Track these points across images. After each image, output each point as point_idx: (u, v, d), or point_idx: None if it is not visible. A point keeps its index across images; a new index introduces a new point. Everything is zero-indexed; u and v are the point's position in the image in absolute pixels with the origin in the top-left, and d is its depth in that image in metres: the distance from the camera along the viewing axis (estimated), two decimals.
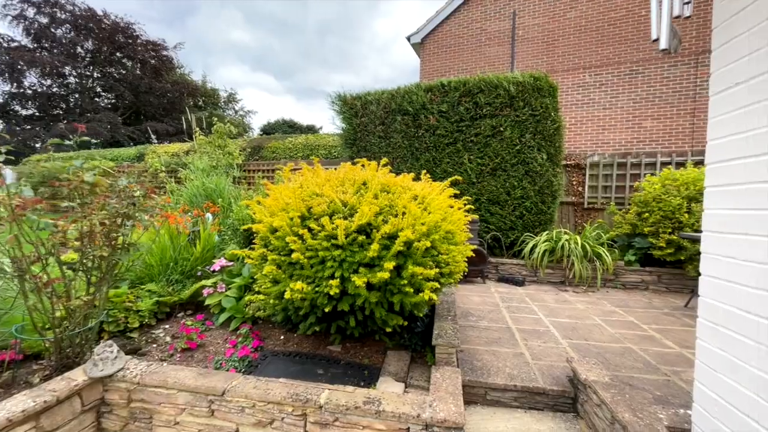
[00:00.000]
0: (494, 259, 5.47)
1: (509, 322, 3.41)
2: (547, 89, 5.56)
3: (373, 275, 1.82)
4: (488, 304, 4.03)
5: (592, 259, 4.93)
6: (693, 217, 4.51)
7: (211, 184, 4.64)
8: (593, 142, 9.48)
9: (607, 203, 6.51)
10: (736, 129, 1.31)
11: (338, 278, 1.91)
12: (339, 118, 6.99)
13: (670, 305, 4.09)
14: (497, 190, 5.66)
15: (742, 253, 1.27)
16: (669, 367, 2.50)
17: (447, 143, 5.95)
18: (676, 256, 4.64)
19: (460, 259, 2.30)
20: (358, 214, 1.91)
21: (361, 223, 1.91)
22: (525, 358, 2.61)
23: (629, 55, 9.10)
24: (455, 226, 2.38)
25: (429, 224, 2.02)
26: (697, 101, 8.67)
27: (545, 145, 5.54)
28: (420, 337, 2.67)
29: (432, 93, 6.08)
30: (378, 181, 2.20)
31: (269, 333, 2.92)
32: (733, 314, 1.31)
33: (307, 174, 2.48)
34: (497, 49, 10.33)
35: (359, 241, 1.92)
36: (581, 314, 3.70)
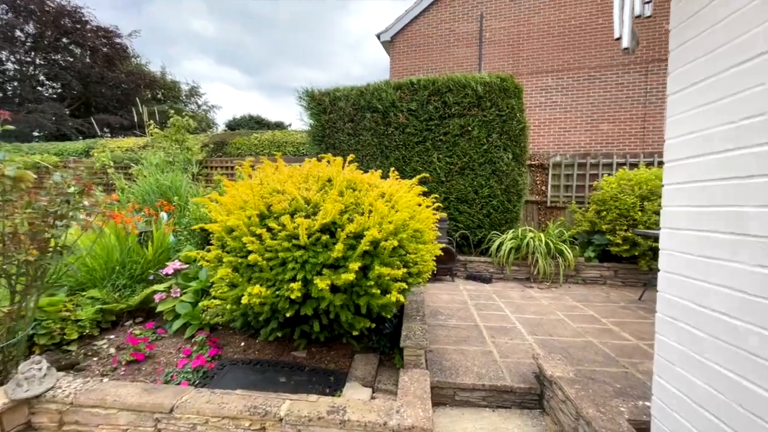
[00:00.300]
0: (463, 257, 5.53)
1: (477, 320, 3.42)
2: (512, 90, 5.68)
3: (338, 277, 1.72)
4: (457, 302, 4.05)
5: (555, 255, 5.10)
6: (645, 215, 4.78)
7: (166, 181, 4.31)
8: (555, 143, 9.87)
9: (568, 202, 6.79)
10: (693, 128, 1.34)
11: (300, 281, 1.79)
12: (307, 114, 6.79)
13: (625, 299, 4.30)
14: (465, 189, 5.72)
15: (698, 249, 1.30)
16: (627, 359, 2.60)
17: (416, 142, 5.93)
18: (631, 252, 4.90)
19: (429, 258, 2.25)
20: (322, 213, 1.80)
21: (324, 221, 1.80)
22: (493, 356, 2.62)
23: (588, 61, 9.55)
24: (424, 225, 2.33)
25: (396, 223, 1.95)
26: (647, 107, 9.25)
27: (511, 145, 5.67)
28: (388, 338, 2.60)
29: (401, 91, 6.05)
30: (343, 178, 2.10)
31: (229, 340, 2.74)
32: (690, 309, 1.34)
33: (267, 170, 2.33)
34: (465, 50, 10.49)
35: (323, 240, 1.81)
36: (545, 310, 3.79)
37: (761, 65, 1.08)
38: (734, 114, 1.17)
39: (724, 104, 1.21)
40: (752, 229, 1.10)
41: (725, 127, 1.20)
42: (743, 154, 1.13)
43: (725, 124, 1.20)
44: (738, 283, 1.14)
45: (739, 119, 1.15)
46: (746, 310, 1.11)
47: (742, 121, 1.14)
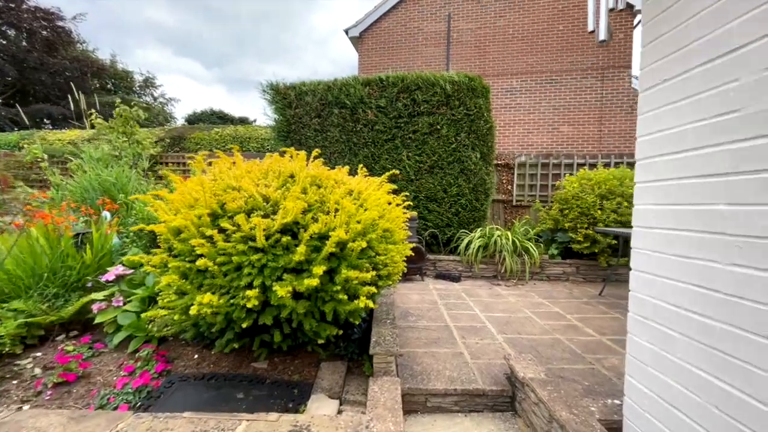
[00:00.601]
0: (432, 256, 5.50)
1: (448, 320, 3.37)
2: (480, 90, 5.73)
3: (300, 282, 1.56)
4: (427, 302, 3.99)
5: (521, 253, 5.20)
6: (605, 213, 4.98)
7: (109, 177, 3.89)
8: (520, 144, 10.17)
9: (533, 201, 6.98)
10: (665, 125, 1.32)
11: (258, 287, 1.61)
12: (271, 109, 6.49)
13: (587, 294, 4.45)
14: (435, 187, 5.70)
15: (671, 248, 1.29)
16: (592, 356, 2.64)
17: (386, 139, 5.83)
18: (592, 249, 5.10)
19: (399, 259, 2.14)
20: (282, 212, 1.63)
21: (285, 221, 1.64)
22: (464, 358, 2.56)
23: (549, 65, 9.92)
24: (394, 224, 2.22)
25: (365, 222, 1.82)
26: (603, 111, 9.76)
27: (479, 145, 5.71)
28: (357, 344, 2.47)
29: (370, 87, 5.92)
30: (307, 174, 1.93)
31: (180, 352, 2.48)
32: (663, 308, 1.32)
33: (221, 164, 2.11)
34: (434, 49, 10.54)
35: (283, 242, 1.64)
36: (513, 307, 3.82)
37: (736, 61, 1.06)
38: (708, 111, 1.15)
39: (697, 101, 1.19)
40: (726, 227, 1.08)
41: (699, 124, 1.18)
42: (718, 151, 1.11)
43: (699, 121, 1.18)
44: (712, 283, 1.12)
45: (713, 116, 1.13)
46: (721, 310, 1.10)
47: (716, 118, 1.12)
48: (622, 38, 9.67)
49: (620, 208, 4.94)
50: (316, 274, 1.51)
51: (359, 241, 1.68)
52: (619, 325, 3.31)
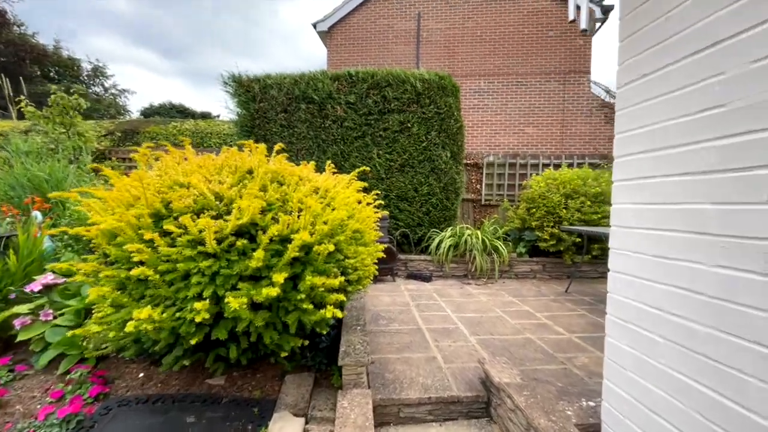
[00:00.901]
0: (403, 256, 5.42)
1: (420, 323, 3.28)
2: (450, 89, 5.71)
3: (259, 292, 1.38)
4: (399, 304, 3.88)
5: (490, 252, 5.23)
6: (569, 212, 5.12)
7: (41, 173, 3.43)
8: (487, 144, 10.35)
9: (501, 200, 7.10)
10: (645, 122, 1.28)
11: (209, 298, 1.41)
12: (234, 102, 6.13)
13: (554, 292, 4.55)
14: (405, 186, 5.61)
15: (652, 249, 1.24)
16: (563, 355, 2.64)
17: (355, 136, 5.67)
18: (557, 247, 5.23)
19: (370, 262, 2.00)
20: (236, 211, 1.44)
21: (240, 222, 1.44)
22: (437, 363, 2.47)
23: (516, 68, 10.17)
24: (364, 225, 2.07)
25: (333, 223, 1.66)
26: (565, 114, 10.16)
27: (449, 144, 5.70)
28: (325, 353, 2.31)
29: (339, 82, 5.73)
30: (267, 170, 1.74)
31: (123, 371, 2.19)
32: (644, 311, 1.27)
33: (169, 159, 1.86)
34: (404, 48, 10.49)
35: (239, 246, 1.45)
36: (485, 307, 3.80)
37: (722, 53, 1.02)
38: (692, 106, 1.10)
39: (679, 96, 1.15)
40: (711, 228, 1.04)
41: (682, 120, 1.14)
42: (702, 148, 1.07)
43: (682, 117, 1.14)
44: (696, 285, 1.08)
45: (696, 111, 1.09)
46: (705, 312, 1.05)
47: (700, 113, 1.08)
48: (582, 44, 10.11)
49: (584, 207, 5.10)
50: (276, 282, 1.33)
51: (326, 244, 1.52)
52: (585, 322, 3.37)
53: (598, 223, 5.10)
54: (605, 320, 1.47)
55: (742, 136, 0.96)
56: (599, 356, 2.61)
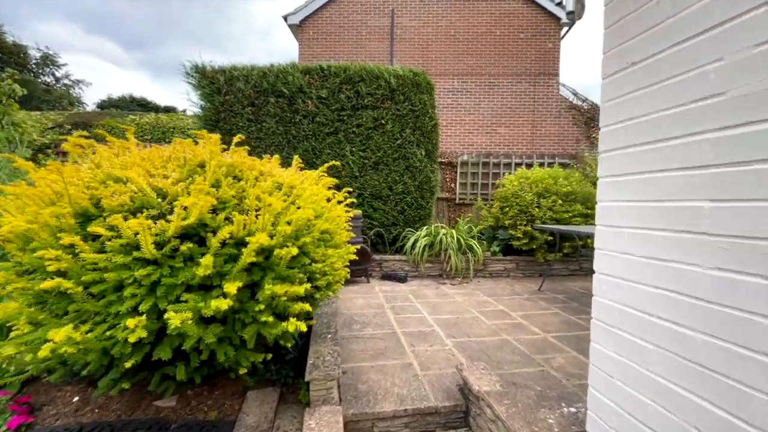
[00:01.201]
0: (378, 256, 5.28)
1: (395, 326, 3.15)
2: (425, 86, 5.63)
3: (207, 304, 1.18)
4: (373, 306, 3.73)
5: (465, 251, 5.19)
6: (542, 210, 5.17)
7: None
8: (461, 144, 10.40)
9: (475, 199, 7.11)
10: (634, 113, 1.19)
11: (148, 312, 1.19)
12: (197, 95, 5.74)
13: (528, 290, 4.56)
14: (380, 184, 5.47)
15: (641, 250, 1.16)
16: (540, 356, 2.59)
17: (328, 132, 5.45)
18: (530, 246, 5.27)
19: (341, 265, 1.83)
20: (180, 210, 1.23)
21: (187, 223, 1.24)
22: (414, 370, 2.34)
23: (488, 68, 10.28)
24: (335, 225, 1.90)
25: (298, 223, 1.48)
26: (535, 115, 10.39)
27: (424, 142, 5.61)
28: (293, 365, 2.11)
29: (310, 76, 5.49)
30: (221, 163, 1.53)
31: (54, 395, 1.90)
32: (632, 316, 1.19)
33: (103, 150, 1.60)
34: (377, 44, 10.33)
35: (184, 251, 1.24)
36: (461, 308, 3.73)
37: (720, 38, 0.93)
38: (686, 95, 1.02)
39: (673, 85, 1.06)
40: (707, 227, 0.96)
41: (675, 110, 1.06)
42: (699, 141, 0.99)
43: (674, 107, 1.06)
44: (690, 289, 1.00)
45: (692, 101, 1.01)
46: (701, 318, 0.97)
47: (696, 103, 1.00)
48: (551, 47, 10.38)
49: (555, 205, 5.16)
50: (228, 293, 1.14)
51: (289, 247, 1.34)
52: (559, 320, 3.37)
53: (569, 222, 5.19)
54: (591, 324, 1.39)
55: (744, 127, 0.88)
56: (575, 356, 2.58)
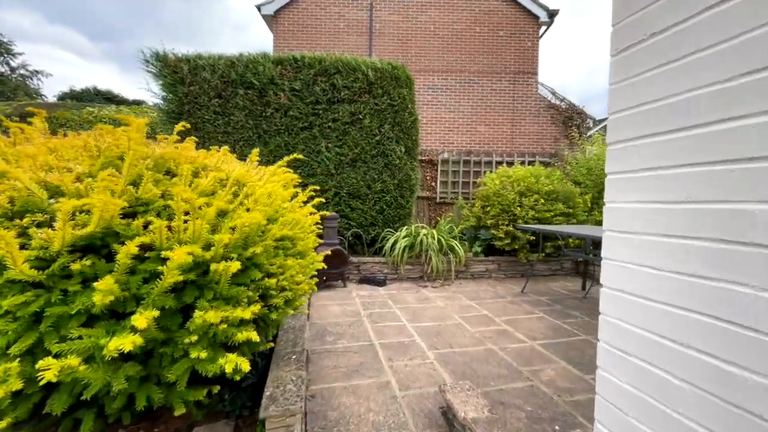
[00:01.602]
0: (356, 259, 5.00)
1: (372, 337, 2.89)
2: (404, 80, 5.38)
3: (119, 338, 0.88)
4: (349, 314, 3.46)
5: (446, 252, 5.00)
6: (524, 209, 5.04)
7: None
8: (441, 142, 10.24)
9: (456, 198, 6.95)
10: (657, 94, 0.98)
11: (29, 354, 0.88)
12: (158, 85, 5.28)
13: (511, 292, 4.40)
14: (358, 183, 5.18)
15: (665, 262, 0.95)
16: (528, 368, 2.40)
17: (302, 127, 5.12)
18: (512, 246, 5.13)
19: (304, 278, 1.55)
20: (64, 216, 0.91)
21: (84, 232, 0.93)
22: (392, 390, 2.09)
23: (468, 66, 10.17)
24: (298, 229, 1.62)
25: (245, 229, 1.19)
26: (515, 113, 10.36)
27: (403, 138, 5.36)
28: (250, 393, 1.81)
29: (283, 67, 5.14)
30: (143, 154, 1.22)
31: None
32: (653, 344, 0.98)
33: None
34: (356, 38, 10.02)
35: (81, 270, 0.93)
36: (442, 314, 3.51)
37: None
38: (727, 70, 0.81)
39: (708, 58, 0.85)
40: (757, 235, 0.75)
41: (711, 89, 0.84)
42: (745, 126, 0.78)
43: (710, 85, 0.84)
44: (738, 315, 0.79)
45: (736, 76, 0.79)
46: (752, 354, 0.76)
47: (736, 80, 0.78)
48: (530, 46, 10.38)
49: (537, 204, 5.04)
50: (139, 327, 0.84)
51: (231, 262, 1.05)
52: (545, 326, 3.21)
53: (551, 221, 5.08)
54: (597, 348, 1.18)
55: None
56: (564, 367, 2.41)
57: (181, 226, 1.02)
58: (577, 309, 3.70)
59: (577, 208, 5.21)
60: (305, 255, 1.67)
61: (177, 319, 1.09)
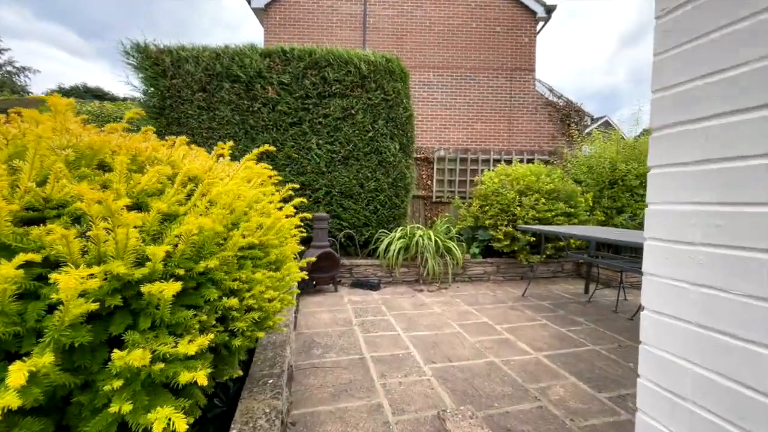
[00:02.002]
0: (348, 261, 4.75)
1: (364, 349, 2.65)
2: (399, 73, 5.14)
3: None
4: (340, 322, 3.21)
5: (443, 254, 4.77)
6: (524, 209, 4.82)
7: None
8: (437, 140, 10.03)
9: (452, 197, 6.72)
10: (729, 61, 0.74)
11: None
12: (139, 78, 4.98)
13: (511, 297, 4.19)
14: (350, 181, 4.93)
15: (730, 282, 0.72)
16: (535, 385, 2.17)
17: (291, 123, 4.86)
18: (512, 247, 4.91)
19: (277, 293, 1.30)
20: None
21: None
22: (384, 415, 1.85)
23: (464, 62, 9.95)
24: (272, 235, 1.37)
25: (196, 238, 0.95)
26: (512, 110, 10.17)
27: (398, 134, 5.12)
28: (218, 425, 1.57)
29: (271, 59, 4.87)
30: (65, 143, 0.96)
31: None
32: (714, 385, 0.75)
33: None
34: (349, 33, 9.75)
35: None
36: (440, 321, 3.28)
37: None
38: None
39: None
40: None
41: None
42: None
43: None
44: None
45: None
46: None
47: None
48: (527, 42, 10.19)
49: (538, 204, 4.83)
50: (12, 386, 0.59)
51: (168, 284, 0.81)
52: (549, 334, 2.99)
53: (552, 221, 4.88)
54: (637, 385, 0.95)
55: None
56: (574, 384, 2.18)
57: (101, 236, 0.77)
58: (581, 315, 3.49)
59: (579, 207, 5.00)
60: (281, 265, 1.42)
61: (101, 354, 0.84)
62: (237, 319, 1.11)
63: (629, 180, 5.09)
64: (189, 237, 0.90)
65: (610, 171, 5.31)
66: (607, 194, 5.34)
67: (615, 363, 2.46)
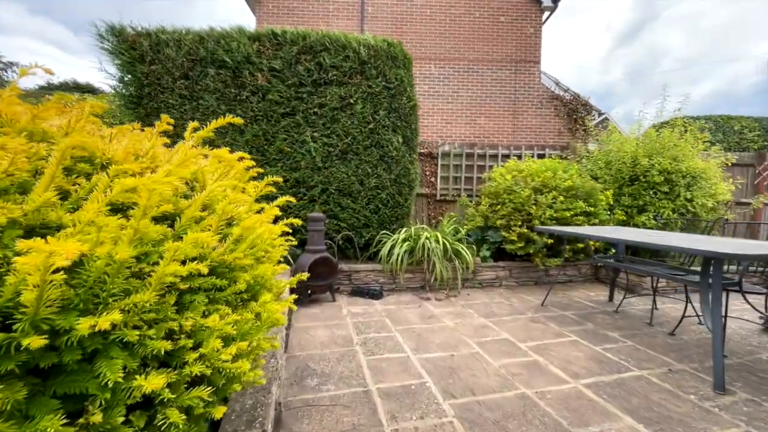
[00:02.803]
0: (347, 266, 4.30)
1: (368, 378, 2.21)
2: (401, 59, 4.68)
3: None
4: (339, 341, 2.76)
5: (451, 257, 4.33)
6: (540, 209, 4.39)
7: None
8: (439, 135, 9.59)
9: (458, 195, 6.28)
10: None
11: None
12: (115, 64, 4.48)
13: (528, 306, 3.76)
14: (348, 178, 4.47)
15: None
16: (583, 429, 1.74)
17: (283, 113, 4.38)
18: (526, 250, 4.48)
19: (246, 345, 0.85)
20: None
21: None
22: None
23: (466, 53, 9.50)
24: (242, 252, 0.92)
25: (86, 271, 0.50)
26: (516, 104, 9.74)
27: (401, 126, 4.66)
28: None
29: (260, 43, 4.39)
30: None
31: None
32: None
33: None
34: (347, 22, 9.26)
35: None
36: (453, 338, 2.84)
37: None
38: None
39: None
40: None
41: None
42: None
43: None
44: None
45: None
46: None
47: None
48: (532, 33, 9.75)
49: (555, 202, 4.40)
50: None
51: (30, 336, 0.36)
52: (584, 355, 2.56)
53: (570, 222, 4.45)
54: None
55: None
56: (632, 427, 1.75)
57: None
58: (613, 328, 3.07)
59: (599, 206, 4.58)
60: (258, 295, 0.97)
61: None
62: (169, 404, 0.66)
63: (651, 176, 4.68)
64: (45, 276, 0.45)
65: (631, 166, 4.89)
66: (627, 191, 4.93)
67: (673, 396, 2.03)
